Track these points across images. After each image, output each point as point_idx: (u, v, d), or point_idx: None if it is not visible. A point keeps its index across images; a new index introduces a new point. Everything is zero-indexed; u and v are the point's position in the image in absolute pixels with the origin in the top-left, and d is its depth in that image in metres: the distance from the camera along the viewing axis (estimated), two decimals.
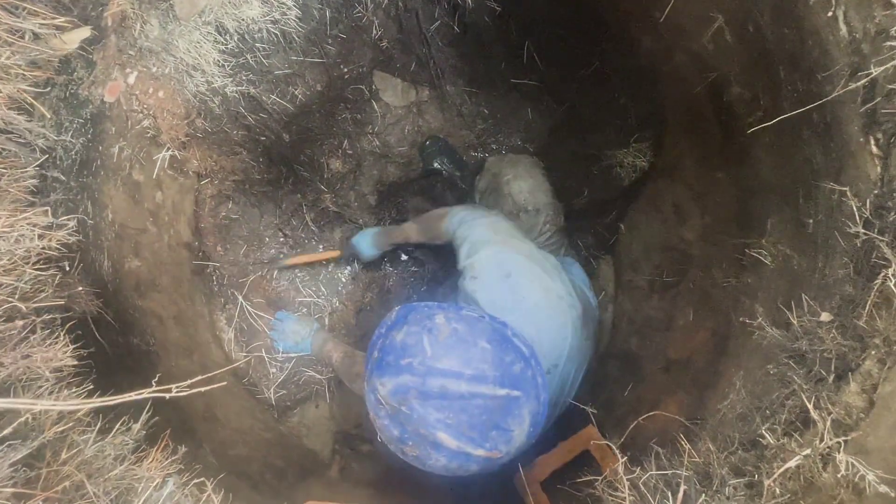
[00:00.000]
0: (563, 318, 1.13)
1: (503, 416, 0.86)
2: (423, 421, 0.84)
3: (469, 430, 0.84)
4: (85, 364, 0.68)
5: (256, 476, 1.44)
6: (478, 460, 0.86)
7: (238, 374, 1.78)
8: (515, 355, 0.93)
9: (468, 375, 0.85)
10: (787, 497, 0.45)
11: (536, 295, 1.10)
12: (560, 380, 1.13)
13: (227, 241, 1.85)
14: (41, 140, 0.75)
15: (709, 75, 1.28)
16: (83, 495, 0.51)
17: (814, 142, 0.84)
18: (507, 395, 0.86)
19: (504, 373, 0.88)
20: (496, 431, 0.86)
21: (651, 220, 1.80)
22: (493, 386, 0.86)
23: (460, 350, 0.88)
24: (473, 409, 0.84)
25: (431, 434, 0.84)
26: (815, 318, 0.60)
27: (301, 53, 1.66)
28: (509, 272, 1.11)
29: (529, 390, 0.91)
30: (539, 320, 1.08)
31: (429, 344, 0.89)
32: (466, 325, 0.93)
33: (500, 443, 0.87)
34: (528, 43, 1.89)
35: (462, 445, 0.84)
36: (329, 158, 1.97)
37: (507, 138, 2.06)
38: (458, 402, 0.84)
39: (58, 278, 0.71)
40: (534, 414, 0.91)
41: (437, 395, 0.84)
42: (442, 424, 0.83)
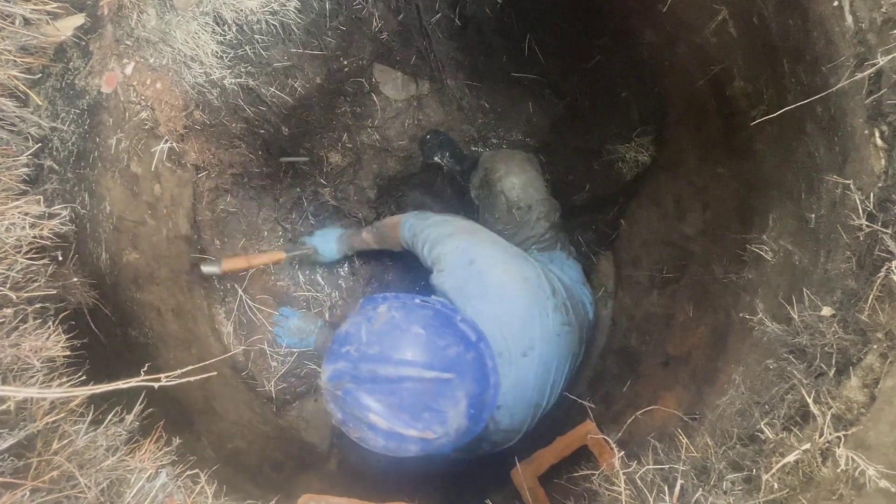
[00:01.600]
0: (529, 298, 1.14)
1: (434, 398, 0.90)
2: (357, 404, 0.90)
3: (399, 411, 0.89)
4: (78, 355, 0.68)
5: (254, 469, 1.44)
6: (412, 440, 0.90)
7: (237, 368, 1.78)
8: (453, 339, 0.97)
9: (396, 360, 0.90)
10: (786, 492, 0.44)
11: (500, 277, 1.13)
12: (542, 363, 1.14)
13: (225, 234, 1.84)
14: (34, 128, 0.75)
15: (711, 68, 1.27)
16: (74, 485, 0.51)
17: (817, 135, 0.83)
18: (437, 378, 0.90)
19: (435, 356, 0.92)
20: (428, 413, 0.90)
21: (652, 216, 1.79)
22: (421, 369, 0.90)
23: (392, 336, 0.94)
24: (403, 392, 0.89)
25: (365, 416, 0.90)
26: (817, 312, 0.60)
27: (300, 45, 1.65)
28: (472, 259, 1.15)
29: (466, 373, 0.94)
30: (505, 302, 1.11)
31: (365, 332, 0.95)
32: (405, 312, 0.98)
33: (433, 423, 0.90)
34: (529, 36, 1.87)
35: (393, 426, 0.89)
36: (329, 152, 1.96)
37: (508, 133, 2.05)
38: (387, 386, 0.89)
39: (51, 268, 0.70)
40: (471, 395, 0.94)
41: (368, 380, 0.90)
42: (373, 407, 0.89)
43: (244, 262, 1.66)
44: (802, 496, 0.43)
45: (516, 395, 1.12)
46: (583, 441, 1.23)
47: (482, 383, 0.98)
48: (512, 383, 1.10)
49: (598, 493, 0.66)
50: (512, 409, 1.13)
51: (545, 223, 1.57)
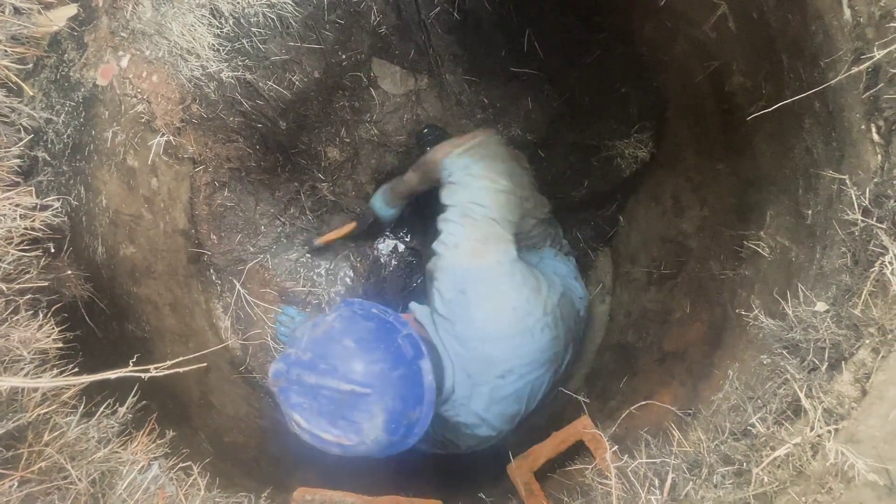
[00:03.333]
0: (513, 330, 1.16)
1: (349, 409, 0.96)
2: (287, 401, 0.98)
3: (318, 416, 0.96)
4: (71, 347, 0.68)
5: (251, 463, 1.44)
6: (330, 444, 0.98)
7: (235, 362, 1.79)
8: (382, 356, 1.01)
9: (320, 369, 0.97)
10: (776, 485, 0.44)
11: (485, 315, 1.15)
12: (521, 379, 1.18)
13: (222, 228, 1.84)
14: (26, 119, 0.74)
15: (710, 64, 1.26)
16: (65, 477, 0.51)
17: (815, 131, 0.83)
18: (352, 391, 0.96)
19: (355, 371, 0.98)
20: (344, 422, 0.96)
21: (650, 212, 1.79)
22: (338, 381, 0.96)
23: (323, 346, 1.00)
24: (321, 399, 0.96)
25: (292, 415, 0.98)
26: (811, 307, 0.60)
27: (298, 39, 1.64)
28: (464, 289, 1.17)
29: (386, 390, 0.99)
30: (486, 341, 1.14)
31: (306, 338, 1.02)
32: (346, 324, 1.04)
33: (348, 432, 0.97)
34: (528, 31, 1.86)
35: (311, 428, 0.96)
36: (326, 147, 1.95)
37: (507, 128, 2.04)
38: (310, 391, 0.96)
39: (43, 260, 0.70)
40: (392, 411, 0.99)
41: (295, 383, 0.98)
42: (298, 407, 0.97)
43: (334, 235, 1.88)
44: (792, 489, 0.43)
45: (492, 410, 1.17)
46: (579, 436, 1.23)
47: (408, 401, 1.02)
48: (487, 401, 1.16)
49: (591, 487, 0.66)
50: (490, 421, 1.18)
51: (531, 220, 1.55)
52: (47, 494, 0.48)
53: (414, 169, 1.55)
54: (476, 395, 1.15)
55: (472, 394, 1.15)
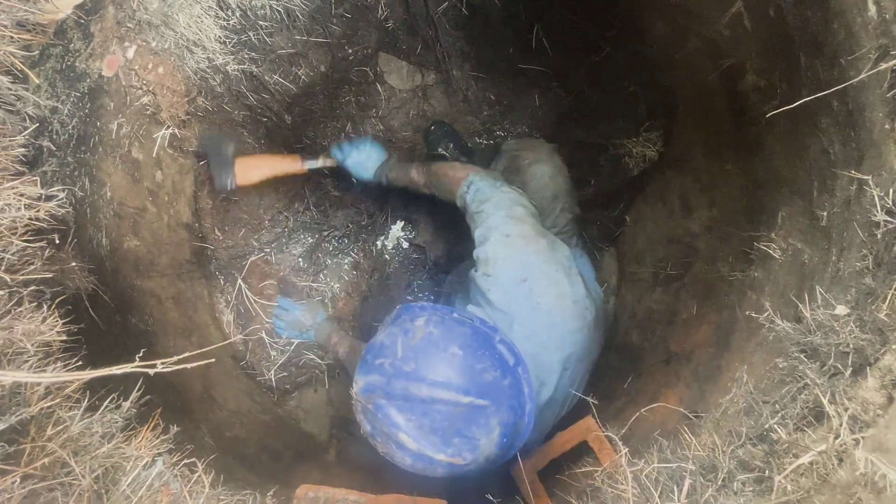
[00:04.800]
0: (577, 322, 1.10)
1: (467, 424, 0.87)
2: (388, 420, 0.86)
3: (430, 434, 0.85)
4: (75, 340, 0.67)
5: (253, 458, 1.44)
6: (440, 464, 0.87)
7: (237, 357, 1.78)
8: (491, 363, 0.92)
9: (431, 380, 0.86)
10: (800, 494, 0.43)
11: (550, 301, 1.07)
12: (570, 379, 1.13)
13: (226, 223, 1.83)
14: (31, 107, 0.73)
15: (723, 63, 1.24)
16: (68, 472, 0.50)
17: (832, 131, 0.81)
18: (471, 404, 0.87)
19: (471, 381, 0.88)
20: (459, 438, 0.86)
21: (657, 212, 1.77)
22: (456, 393, 0.86)
23: (429, 354, 0.89)
24: (435, 415, 0.85)
25: (394, 434, 0.86)
26: (830, 311, 0.58)
27: (305, 33, 1.63)
28: (525, 277, 1.08)
29: (502, 400, 0.90)
30: (551, 326, 1.06)
31: (401, 346, 0.90)
32: (444, 329, 0.94)
33: (463, 450, 0.87)
34: (536, 27, 1.84)
35: (422, 448, 0.86)
36: (332, 142, 1.94)
37: (513, 125, 2.02)
38: (420, 406, 0.85)
39: (48, 252, 0.69)
40: (505, 424, 0.90)
41: (400, 397, 0.86)
42: (404, 426, 0.85)
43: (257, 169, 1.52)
44: (817, 498, 0.42)
45: (545, 412, 1.11)
46: (583, 437, 1.22)
47: (517, 411, 0.94)
48: (544, 403, 1.09)
49: (600, 490, 0.65)
50: (540, 424, 1.12)
51: (568, 214, 1.55)
52: (50, 491, 0.47)
53: (424, 172, 1.47)
54: (539, 398, 1.08)
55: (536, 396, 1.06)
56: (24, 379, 0.45)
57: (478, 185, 1.26)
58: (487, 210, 1.19)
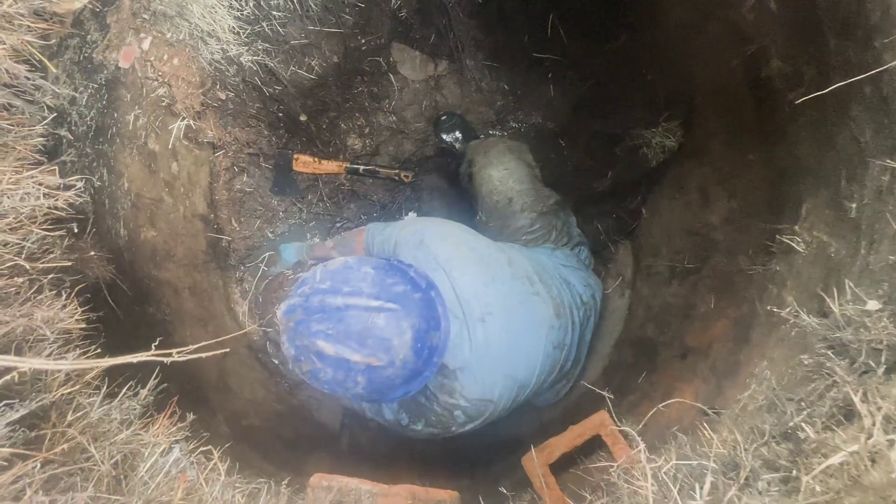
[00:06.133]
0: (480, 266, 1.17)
1: (379, 326, 0.95)
2: (307, 331, 0.94)
3: (346, 338, 0.93)
4: (94, 328, 0.68)
5: (267, 446, 1.46)
6: (359, 369, 0.94)
7: (252, 347, 1.80)
8: (402, 279, 1.02)
9: (345, 291, 0.96)
10: (830, 495, 0.41)
11: (448, 250, 1.16)
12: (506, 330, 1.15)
13: (242, 214, 1.84)
14: (49, 97, 0.74)
15: (746, 48, 1.20)
16: (88, 458, 0.51)
17: (864, 118, 0.78)
18: (381, 307, 0.95)
19: (381, 290, 0.98)
20: (373, 339, 0.94)
21: (674, 204, 1.73)
22: (367, 298, 0.95)
23: (342, 273, 1.00)
24: (349, 320, 0.94)
25: (313, 344, 0.94)
26: (861, 306, 0.56)
27: (318, 23, 1.62)
28: (422, 239, 1.18)
29: (411, 307, 0.99)
30: (454, 271, 1.13)
31: (319, 272, 1.01)
32: (359, 259, 1.05)
33: (378, 350, 0.94)
34: (552, 15, 1.80)
35: (339, 351, 0.93)
36: (346, 134, 1.94)
37: (527, 116, 1.99)
38: (335, 314, 0.94)
39: (66, 241, 0.70)
40: (417, 329, 0.98)
41: (317, 310, 0.95)
42: (321, 334, 0.93)
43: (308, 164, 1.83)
44: (847, 500, 0.40)
45: (481, 360, 1.11)
46: (596, 431, 1.21)
47: (429, 322, 1.01)
48: (472, 348, 1.10)
49: (616, 486, 0.64)
50: (478, 374, 1.11)
51: (531, 214, 1.50)
52: (70, 476, 0.48)
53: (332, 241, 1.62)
54: (464, 342, 1.10)
55: (461, 339, 1.10)
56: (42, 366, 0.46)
57: (371, 228, 1.38)
58: (384, 232, 1.30)
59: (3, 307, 0.52)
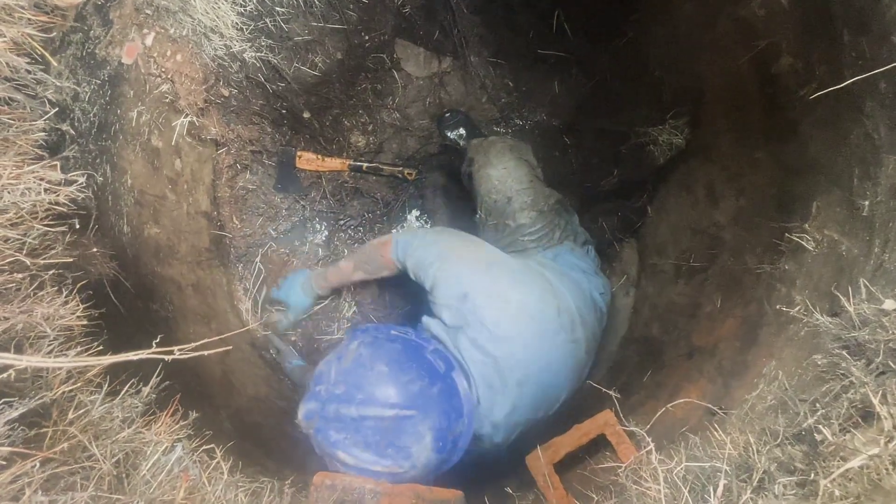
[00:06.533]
0: (528, 330, 1.14)
1: (396, 435, 0.93)
2: (326, 441, 0.94)
3: (365, 449, 0.92)
4: (96, 325, 0.67)
5: (271, 443, 1.45)
6: (382, 475, 0.93)
7: (255, 344, 1.80)
8: (418, 374, 0.99)
9: (358, 399, 0.94)
10: (849, 500, 0.40)
11: (495, 314, 1.12)
12: (540, 388, 1.16)
13: (244, 211, 1.84)
14: (51, 92, 0.74)
15: (756, 44, 1.18)
16: (89, 457, 0.50)
17: (878, 114, 0.76)
18: (397, 416, 0.93)
19: (397, 393, 0.95)
20: (392, 449, 0.93)
21: (681, 202, 1.72)
22: (381, 408, 0.93)
23: (357, 375, 0.97)
24: (366, 430, 0.92)
25: (333, 453, 0.93)
26: (877, 305, 0.55)
27: (321, 19, 1.61)
28: (465, 293, 1.14)
29: (430, 407, 0.97)
30: (500, 340, 1.10)
31: (334, 371, 0.99)
32: (373, 349, 1.01)
33: (398, 459, 0.93)
34: (558, 11, 1.79)
35: (360, 463, 0.92)
36: (349, 131, 1.93)
37: (532, 113, 1.98)
38: (351, 425, 0.93)
39: (68, 237, 0.69)
40: (438, 429, 0.96)
41: (334, 419, 0.94)
42: (340, 444, 0.92)
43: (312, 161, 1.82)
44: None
45: (511, 419, 1.14)
46: (601, 430, 1.20)
47: (450, 415, 1.00)
48: (507, 411, 1.12)
49: (625, 487, 0.63)
50: (507, 428, 1.15)
51: (531, 213, 1.48)
52: (71, 475, 0.48)
53: (349, 257, 1.54)
54: (497, 405, 1.12)
55: (494, 404, 1.12)
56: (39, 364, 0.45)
57: (402, 239, 1.33)
58: (417, 254, 1.25)
59: (2, 303, 0.52)
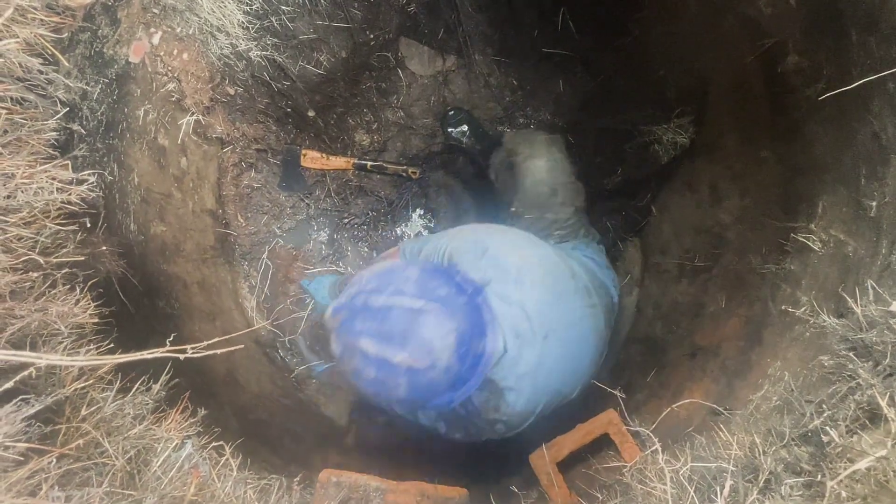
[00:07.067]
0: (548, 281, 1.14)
1: (422, 327, 0.94)
2: (350, 330, 0.94)
3: (388, 338, 0.92)
4: (107, 322, 0.68)
5: (275, 440, 1.47)
6: (401, 371, 0.93)
7: (260, 342, 1.81)
8: (446, 283, 1.01)
9: (388, 291, 0.96)
10: (857, 501, 0.41)
11: (517, 262, 1.13)
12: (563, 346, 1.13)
13: (249, 209, 1.85)
14: (61, 91, 0.74)
15: (763, 43, 1.18)
16: (102, 453, 0.51)
17: (886, 114, 0.76)
18: (423, 308, 0.94)
19: (424, 290, 0.97)
20: (416, 341, 0.93)
21: (685, 202, 1.72)
22: (409, 298, 0.95)
23: (387, 275, 1.01)
24: (392, 320, 0.93)
25: (356, 342, 0.94)
26: (885, 307, 0.55)
27: (326, 17, 1.61)
28: (485, 248, 1.15)
29: (455, 310, 0.97)
30: (524, 285, 1.10)
31: (366, 274, 1.03)
32: (405, 262, 1.07)
33: (420, 353, 0.93)
34: (563, 9, 1.78)
35: (381, 352, 0.92)
36: (353, 130, 1.94)
37: (536, 112, 1.98)
38: (378, 314, 0.94)
39: (79, 235, 0.70)
40: (460, 332, 0.96)
41: (361, 309, 0.95)
42: (364, 334, 0.93)
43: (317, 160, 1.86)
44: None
45: (535, 379, 1.09)
46: (604, 429, 1.20)
47: (473, 328, 1.00)
48: (532, 367, 1.08)
49: (629, 487, 0.63)
50: (526, 392, 1.10)
51: (569, 208, 1.50)
52: (85, 471, 0.48)
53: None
54: (523, 358, 1.08)
55: (520, 355, 1.08)
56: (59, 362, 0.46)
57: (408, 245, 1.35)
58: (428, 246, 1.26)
59: (18, 302, 0.53)
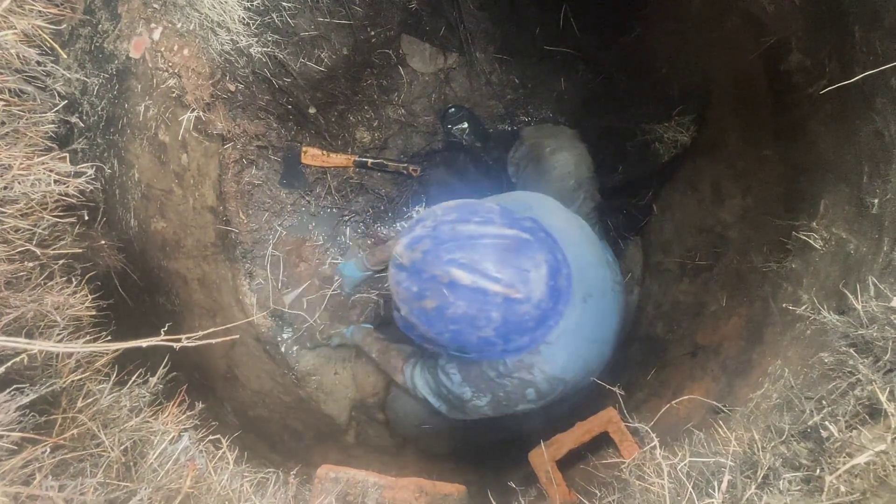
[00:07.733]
0: (589, 244, 1.12)
1: (516, 255, 0.87)
2: (438, 260, 0.85)
3: (482, 263, 0.84)
4: (105, 316, 0.68)
5: (275, 437, 1.47)
6: (495, 301, 0.85)
7: (260, 339, 1.81)
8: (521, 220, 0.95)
9: (476, 220, 0.89)
10: (855, 496, 0.40)
11: (560, 224, 1.09)
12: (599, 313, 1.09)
13: (250, 206, 1.85)
14: (60, 84, 0.74)
15: (766, 41, 1.17)
16: (97, 444, 0.51)
17: (889, 111, 0.76)
18: (517, 236, 0.88)
19: (512, 221, 0.91)
20: (511, 269, 0.86)
21: (686, 200, 1.71)
22: (500, 227, 0.88)
23: (469, 206, 0.94)
24: (485, 247, 0.85)
25: (446, 273, 0.84)
26: (885, 303, 0.54)
27: (327, 14, 1.61)
28: (529, 205, 1.12)
29: (542, 243, 0.92)
30: (567, 245, 1.05)
31: (439, 209, 0.94)
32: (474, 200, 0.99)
33: (516, 281, 0.86)
34: (564, 7, 1.78)
35: (476, 280, 0.83)
36: (354, 127, 1.93)
37: (537, 110, 1.97)
38: (468, 242, 0.86)
39: (78, 228, 0.70)
40: (550, 264, 0.90)
41: (448, 239, 0.86)
42: (455, 263, 0.84)
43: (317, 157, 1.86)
44: (873, 501, 0.39)
45: (569, 339, 1.05)
46: (604, 427, 1.20)
47: (554, 265, 0.94)
48: (571, 326, 1.03)
49: (628, 483, 0.63)
50: (562, 352, 1.05)
51: (591, 202, 1.51)
52: (80, 462, 0.48)
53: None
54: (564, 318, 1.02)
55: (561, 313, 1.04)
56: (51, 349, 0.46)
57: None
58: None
59: (14, 291, 0.53)
